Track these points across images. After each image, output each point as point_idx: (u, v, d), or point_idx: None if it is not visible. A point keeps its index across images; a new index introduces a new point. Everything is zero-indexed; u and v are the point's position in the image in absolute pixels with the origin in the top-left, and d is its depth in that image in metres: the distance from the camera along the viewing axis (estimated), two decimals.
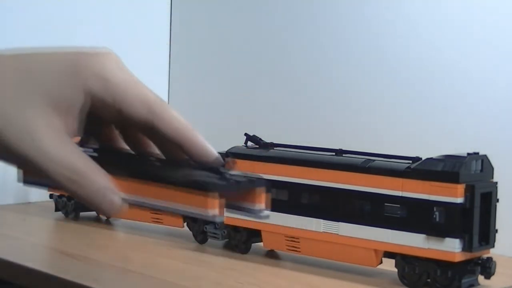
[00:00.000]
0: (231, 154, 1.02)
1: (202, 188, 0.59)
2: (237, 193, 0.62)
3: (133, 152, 0.71)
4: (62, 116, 0.64)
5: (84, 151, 0.63)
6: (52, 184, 0.63)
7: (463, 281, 0.87)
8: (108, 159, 0.66)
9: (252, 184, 0.62)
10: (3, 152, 0.62)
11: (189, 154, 0.65)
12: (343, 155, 0.95)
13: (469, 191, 0.84)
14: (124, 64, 0.65)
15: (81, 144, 0.66)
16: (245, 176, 0.62)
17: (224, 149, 1.05)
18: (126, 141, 0.73)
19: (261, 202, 0.61)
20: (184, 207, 0.60)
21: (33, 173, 0.64)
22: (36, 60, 0.65)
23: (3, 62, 0.65)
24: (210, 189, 0.58)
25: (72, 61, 0.65)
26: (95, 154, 0.66)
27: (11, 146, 0.62)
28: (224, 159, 0.62)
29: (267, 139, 1.05)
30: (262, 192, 0.62)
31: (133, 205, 0.64)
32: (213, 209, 0.58)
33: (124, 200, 0.64)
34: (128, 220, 1.20)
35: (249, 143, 1.05)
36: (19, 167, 0.64)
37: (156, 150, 0.71)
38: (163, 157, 0.69)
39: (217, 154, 0.63)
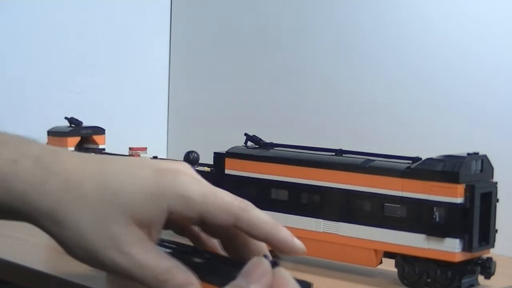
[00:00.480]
0: (231, 154, 1.02)
1: None
2: None
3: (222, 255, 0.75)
4: (146, 230, 0.70)
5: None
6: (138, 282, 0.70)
7: (463, 281, 0.87)
8: (204, 266, 0.70)
9: None
10: (94, 262, 0.68)
11: (276, 249, 0.70)
12: (343, 155, 0.95)
13: (469, 191, 0.84)
14: (197, 174, 0.71)
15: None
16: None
17: (224, 149, 1.05)
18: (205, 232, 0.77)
19: None
20: None
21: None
22: (120, 180, 0.69)
23: (91, 178, 0.70)
24: None
25: (154, 183, 0.69)
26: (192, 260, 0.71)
27: (101, 257, 0.68)
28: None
29: (267, 139, 1.05)
30: None
31: None
32: None
33: None
34: None
35: (249, 143, 1.05)
36: (109, 273, 0.69)
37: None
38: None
39: (303, 247, 0.68)
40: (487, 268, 0.87)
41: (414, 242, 0.87)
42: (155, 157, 1.17)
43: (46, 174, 0.72)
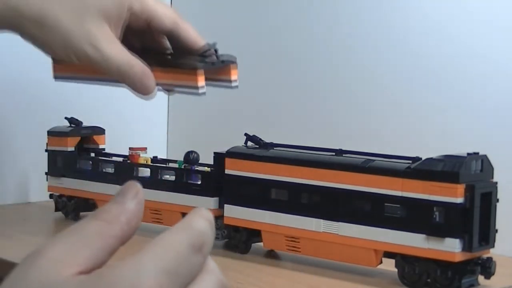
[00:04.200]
0: (231, 154, 1.02)
1: (192, 67, 0.87)
2: (214, 70, 0.90)
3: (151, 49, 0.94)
4: (112, 28, 0.86)
5: None
6: (86, 79, 0.94)
7: (463, 281, 0.87)
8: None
9: (223, 62, 0.90)
10: (70, 55, 0.84)
11: (187, 45, 0.91)
12: (343, 155, 0.95)
13: (469, 191, 0.84)
14: None
15: None
16: (221, 61, 0.89)
17: (224, 149, 1.05)
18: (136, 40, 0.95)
19: (234, 75, 0.91)
20: (181, 83, 0.88)
21: (65, 69, 0.95)
22: None
23: None
24: (197, 68, 0.85)
25: None
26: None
27: (77, 50, 0.83)
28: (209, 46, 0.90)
29: (267, 139, 1.05)
30: (233, 67, 0.91)
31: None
32: (201, 82, 0.86)
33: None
34: None
35: (249, 143, 1.05)
36: (80, 62, 0.85)
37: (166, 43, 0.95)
38: (171, 51, 0.94)
39: (203, 43, 0.90)
40: (487, 268, 0.87)
41: (414, 242, 0.87)
42: (155, 157, 1.17)
43: None
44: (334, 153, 0.96)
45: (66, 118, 1.24)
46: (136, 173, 1.11)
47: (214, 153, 1.06)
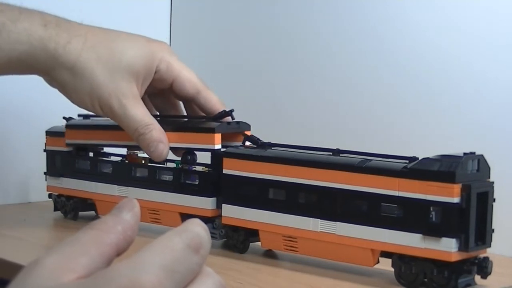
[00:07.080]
0: (229, 154, 1.02)
1: (211, 131, 0.96)
2: (229, 135, 1.00)
3: (166, 114, 1.03)
4: (139, 87, 0.90)
5: None
6: (97, 145, 1.06)
7: (460, 280, 0.87)
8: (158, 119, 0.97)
9: (238, 124, 1.03)
10: (95, 107, 0.89)
11: (206, 112, 1.00)
12: (340, 155, 0.96)
13: (466, 191, 0.84)
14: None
15: None
16: (236, 122, 1.03)
17: (223, 148, 1.05)
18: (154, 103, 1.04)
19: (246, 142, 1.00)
20: (199, 145, 0.97)
21: (76, 136, 1.06)
22: (124, 45, 0.91)
23: (102, 42, 0.91)
24: (215, 131, 0.96)
25: (148, 49, 0.92)
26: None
27: (103, 103, 0.88)
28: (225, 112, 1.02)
29: (266, 139, 1.05)
30: (246, 132, 1.02)
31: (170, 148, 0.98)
32: (218, 144, 0.97)
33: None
34: None
35: (247, 143, 1.05)
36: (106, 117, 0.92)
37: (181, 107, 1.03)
38: (185, 114, 1.02)
39: (223, 108, 1.01)
40: (483, 267, 0.88)
41: (411, 241, 0.87)
42: None
43: (69, 36, 0.91)
44: (331, 153, 0.96)
45: (64, 118, 1.25)
46: (134, 173, 1.11)
47: (212, 153, 1.06)
